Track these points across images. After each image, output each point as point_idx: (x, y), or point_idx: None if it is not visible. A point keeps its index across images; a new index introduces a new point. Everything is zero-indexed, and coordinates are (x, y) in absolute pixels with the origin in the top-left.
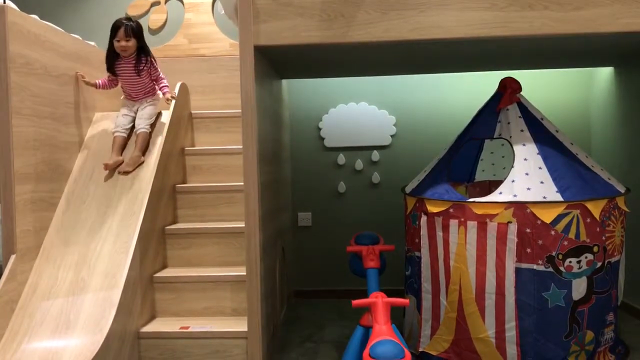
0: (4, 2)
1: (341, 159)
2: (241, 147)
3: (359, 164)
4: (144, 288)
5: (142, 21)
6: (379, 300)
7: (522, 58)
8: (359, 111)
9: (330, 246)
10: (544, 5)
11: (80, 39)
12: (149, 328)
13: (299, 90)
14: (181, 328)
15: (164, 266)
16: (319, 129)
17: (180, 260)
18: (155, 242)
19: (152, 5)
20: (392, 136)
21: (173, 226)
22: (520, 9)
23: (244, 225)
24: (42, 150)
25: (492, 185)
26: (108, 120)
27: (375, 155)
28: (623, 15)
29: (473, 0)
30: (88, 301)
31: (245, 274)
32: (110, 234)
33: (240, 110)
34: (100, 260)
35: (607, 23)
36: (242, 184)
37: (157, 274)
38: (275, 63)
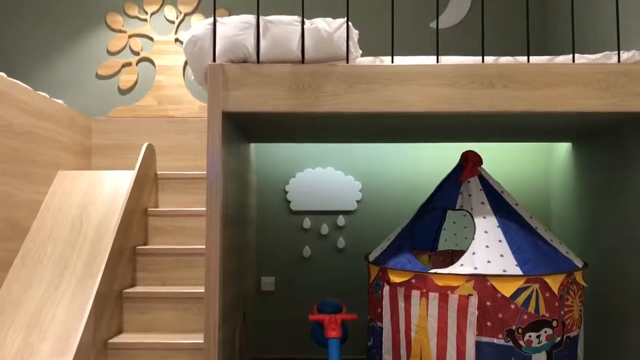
0: None
1: (307, 223)
2: (205, 209)
3: (325, 229)
4: (96, 354)
5: (112, 81)
6: None
7: (483, 132)
8: (325, 176)
9: (293, 312)
10: (504, 84)
11: (47, 96)
12: None
13: (266, 154)
14: None
15: (120, 331)
16: (286, 192)
17: (136, 325)
18: (112, 305)
19: (123, 66)
20: (357, 202)
21: (131, 289)
22: (481, 86)
23: (203, 291)
24: (0, 208)
25: (454, 255)
26: (71, 179)
27: (341, 220)
28: (577, 96)
29: (435, 77)
30: None
31: (203, 341)
32: (65, 295)
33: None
34: (53, 323)
35: (563, 103)
36: (204, 247)
37: (112, 340)
38: (244, 127)
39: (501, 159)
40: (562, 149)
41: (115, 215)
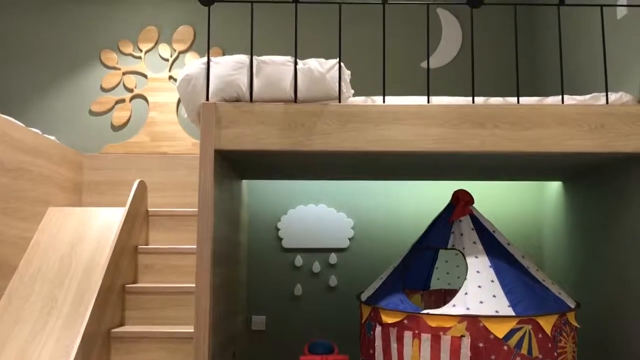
0: None
1: (298, 260)
2: (196, 247)
3: (317, 267)
4: None
5: (105, 117)
6: None
7: (474, 170)
8: (317, 213)
9: (284, 352)
10: (494, 125)
11: (40, 133)
12: None
13: (258, 191)
14: None
15: None
16: (278, 230)
17: None
18: (100, 346)
19: (117, 102)
20: (350, 239)
21: (119, 329)
22: (472, 127)
23: (193, 330)
24: None
25: (447, 294)
26: (61, 216)
27: (333, 258)
28: (567, 137)
29: (426, 117)
30: None
31: None
32: (52, 335)
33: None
34: None
35: (553, 143)
36: (194, 285)
37: None
38: (236, 165)
39: (492, 198)
40: (553, 188)
41: (105, 253)
